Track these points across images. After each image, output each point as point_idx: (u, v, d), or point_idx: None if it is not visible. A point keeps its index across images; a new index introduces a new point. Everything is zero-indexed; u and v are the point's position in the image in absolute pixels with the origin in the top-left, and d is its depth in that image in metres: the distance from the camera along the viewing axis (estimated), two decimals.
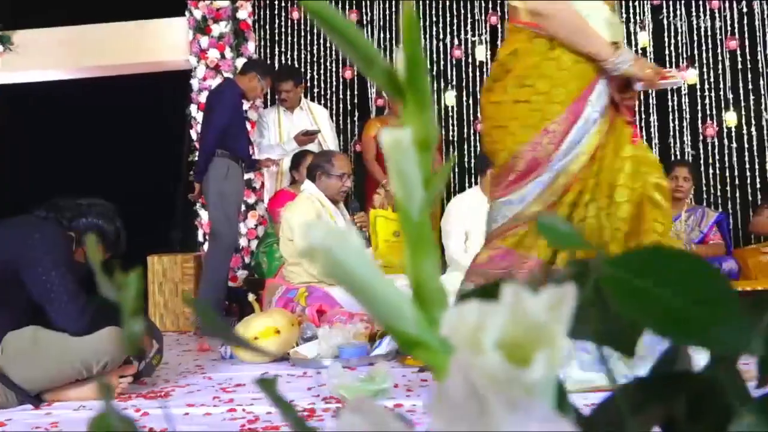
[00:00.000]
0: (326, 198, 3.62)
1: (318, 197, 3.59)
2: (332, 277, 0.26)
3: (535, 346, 0.21)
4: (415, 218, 0.27)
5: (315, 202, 3.56)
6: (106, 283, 0.25)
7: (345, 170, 3.64)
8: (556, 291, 0.21)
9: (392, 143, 0.27)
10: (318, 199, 3.59)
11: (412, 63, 0.27)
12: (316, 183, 3.63)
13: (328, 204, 3.61)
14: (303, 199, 3.60)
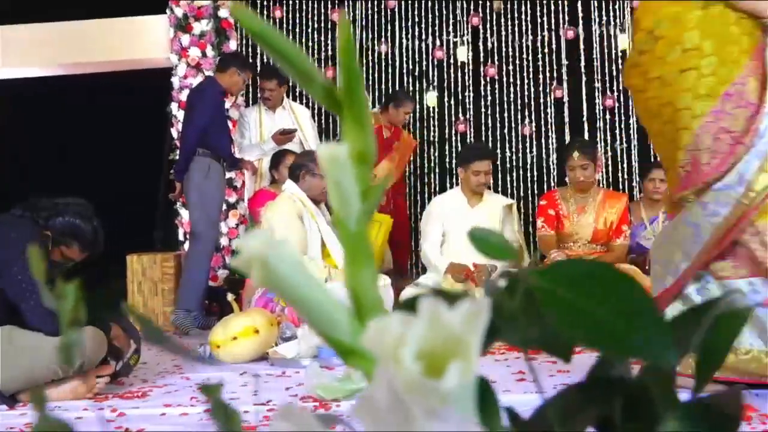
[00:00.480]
0: (308, 198, 3.62)
1: (299, 197, 3.59)
2: (269, 286, 0.27)
3: (452, 357, 0.22)
4: (352, 229, 0.28)
5: (296, 202, 3.56)
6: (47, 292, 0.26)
7: None
8: (472, 305, 0.22)
9: (329, 158, 0.27)
10: (299, 198, 3.58)
11: (350, 79, 0.28)
12: (299, 183, 3.62)
13: (310, 204, 3.61)
14: (284, 198, 3.59)
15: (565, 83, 5.24)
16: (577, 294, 0.27)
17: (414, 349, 0.22)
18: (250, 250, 0.26)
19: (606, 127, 5.25)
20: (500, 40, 5.28)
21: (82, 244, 2.45)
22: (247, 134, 4.55)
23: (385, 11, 5.34)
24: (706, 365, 0.38)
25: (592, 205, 3.99)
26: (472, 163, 3.84)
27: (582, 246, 4.01)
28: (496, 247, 0.29)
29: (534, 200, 5.19)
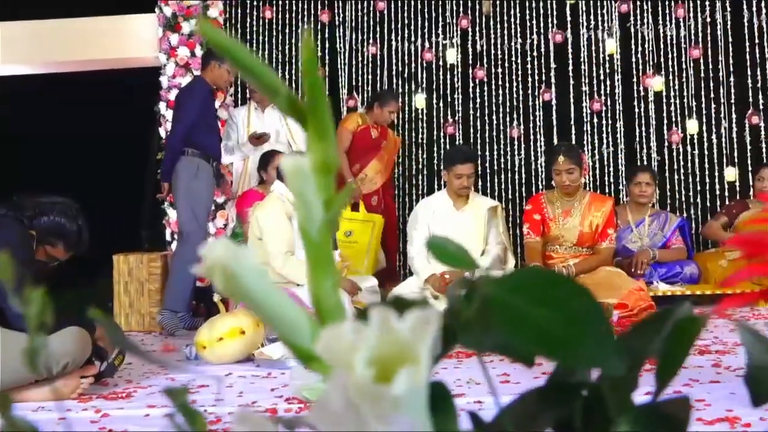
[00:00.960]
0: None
1: (288, 197, 3.59)
2: (231, 293, 0.27)
3: (403, 363, 0.23)
4: (315, 239, 0.29)
5: (285, 202, 3.56)
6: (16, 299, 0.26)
7: None
8: (421, 313, 0.23)
9: (293, 169, 0.28)
10: (288, 199, 3.59)
11: (313, 92, 0.29)
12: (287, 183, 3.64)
13: None
14: (273, 199, 3.59)
15: (553, 86, 5.27)
16: (529, 302, 0.27)
17: (365, 355, 0.22)
18: (213, 258, 0.27)
19: (593, 131, 5.28)
20: (489, 42, 5.31)
21: (67, 244, 2.44)
22: (234, 135, 4.54)
23: (374, 13, 5.35)
24: (666, 370, 0.39)
25: (578, 208, 4.02)
26: (455, 166, 3.86)
27: (568, 249, 4.03)
28: (453, 256, 0.30)
29: (521, 202, 5.21)
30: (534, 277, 0.28)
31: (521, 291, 0.28)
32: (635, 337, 0.42)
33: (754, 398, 0.40)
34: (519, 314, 0.27)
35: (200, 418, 0.30)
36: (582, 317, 0.27)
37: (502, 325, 0.27)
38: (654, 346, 0.41)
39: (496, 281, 0.29)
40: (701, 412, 1.94)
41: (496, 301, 0.28)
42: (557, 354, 0.27)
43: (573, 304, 0.28)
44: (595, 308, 0.28)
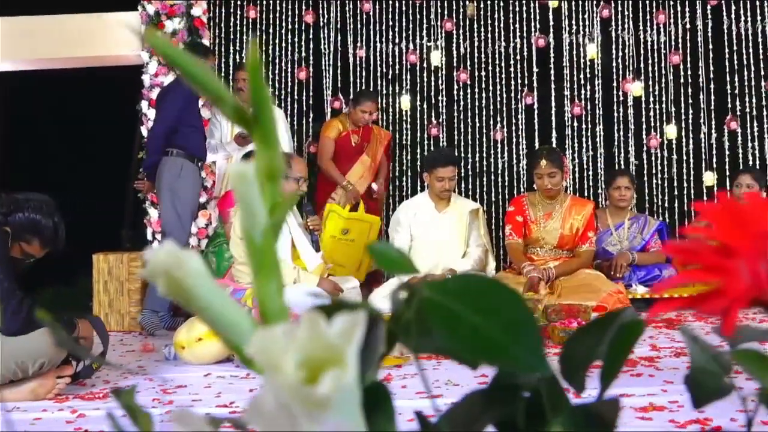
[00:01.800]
0: None
1: None
2: (175, 297, 0.28)
3: (332, 365, 0.23)
4: (259, 243, 0.30)
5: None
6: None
7: (302, 174, 3.67)
8: (349, 317, 0.24)
9: (238, 176, 0.29)
10: None
11: (259, 102, 0.30)
12: None
13: None
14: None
15: (535, 90, 5.32)
16: (463, 306, 0.28)
17: (295, 358, 0.23)
18: (156, 263, 0.28)
19: (573, 135, 5.33)
20: (473, 46, 5.34)
21: (43, 241, 2.42)
22: (217, 133, 4.53)
23: (359, 14, 5.35)
24: (609, 371, 0.40)
25: (559, 211, 4.06)
26: (437, 169, 3.88)
27: (548, 251, 4.07)
28: (395, 262, 0.31)
29: (503, 205, 5.25)
30: (471, 283, 0.29)
31: (458, 296, 0.29)
32: (582, 341, 0.43)
33: (695, 400, 0.41)
34: (455, 319, 0.28)
35: (146, 419, 0.30)
36: (514, 323, 0.28)
37: (439, 329, 0.28)
38: (600, 349, 0.42)
39: (434, 286, 0.30)
40: (674, 414, 1.96)
41: (434, 306, 0.29)
42: (489, 358, 0.28)
43: (507, 310, 0.29)
44: (527, 315, 0.29)
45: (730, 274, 0.29)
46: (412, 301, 0.30)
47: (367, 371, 0.34)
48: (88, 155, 5.70)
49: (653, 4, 5.28)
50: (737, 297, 0.28)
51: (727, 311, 0.28)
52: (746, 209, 0.33)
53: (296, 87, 5.40)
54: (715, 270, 0.30)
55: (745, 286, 0.29)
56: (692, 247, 0.31)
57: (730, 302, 0.28)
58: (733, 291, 0.28)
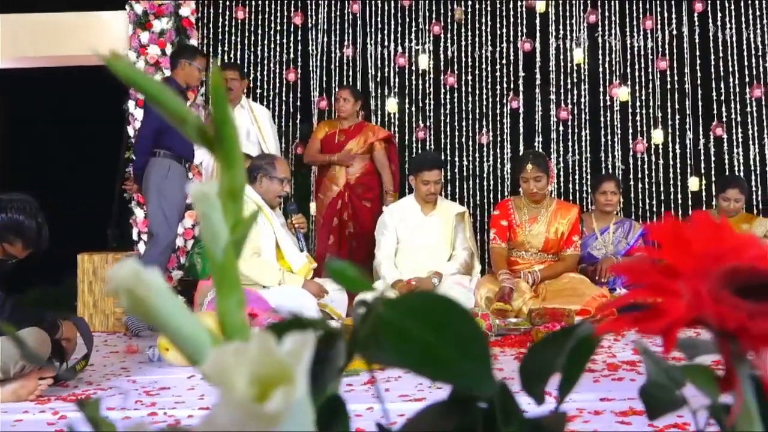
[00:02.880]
0: (263, 200, 3.64)
1: (254, 199, 3.61)
2: (137, 314, 0.29)
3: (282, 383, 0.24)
4: (220, 260, 0.31)
5: (251, 204, 3.59)
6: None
7: (285, 175, 3.71)
8: (299, 337, 0.25)
9: (200, 195, 0.30)
10: (254, 201, 3.61)
11: (221, 123, 0.31)
12: (255, 185, 3.66)
13: (265, 206, 3.63)
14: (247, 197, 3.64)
15: (522, 94, 5.35)
16: (415, 323, 0.29)
17: (245, 375, 0.24)
18: (118, 280, 0.28)
19: (559, 139, 5.36)
20: (460, 49, 5.36)
21: (26, 241, 2.41)
22: None
23: (347, 16, 5.36)
24: (566, 383, 0.42)
25: (545, 215, 4.08)
26: (422, 172, 3.90)
27: (533, 255, 4.09)
28: (351, 279, 0.32)
29: (489, 208, 5.27)
30: (424, 300, 0.31)
31: (411, 313, 0.30)
32: (542, 353, 0.44)
33: (649, 412, 0.42)
34: (407, 335, 0.29)
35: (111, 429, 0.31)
36: (463, 340, 0.29)
37: (391, 344, 0.29)
38: (559, 361, 0.44)
39: (389, 303, 0.31)
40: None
41: (387, 323, 0.30)
42: (439, 374, 0.29)
43: (456, 327, 0.30)
44: (476, 331, 0.30)
45: (671, 294, 0.30)
46: (368, 317, 0.31)
47: (327, 385, 0.35)
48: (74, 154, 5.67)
49: (640, 10, 5.33)
50: (677, 318, 0.29)
51: (666, 331, 0.29)
52: (693, 231, 0.34)
53: (284, 88, 5.40)
54: (659, 290, 0.31)
55: (685, 306, 0.30)
56: (638, 267, 0.32)
57: (670, 323, 0.29)
58: (673, 311, 0.30)
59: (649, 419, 0.42)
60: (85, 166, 5.60)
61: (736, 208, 4.37)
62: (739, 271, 0.32)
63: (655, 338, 0.38)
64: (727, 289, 0.31)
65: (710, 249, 0.33)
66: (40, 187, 5.56)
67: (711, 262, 0.32)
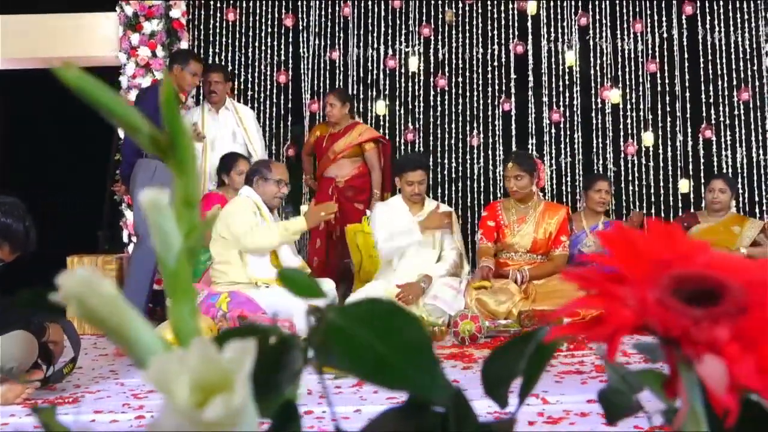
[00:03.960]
0: (263, 203, 3.69)
1: (255, 200, 3.68)
2: (88, 321, 0.29)
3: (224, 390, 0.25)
4: (172, 267, 0.31)
5: (252, 205, 3.65)
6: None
7: (282, 177, 3.75)
8: (240, 345, 0.25)
9: (150, 203, 0.30)
10: (255, 202, 3.67)
11: (174, 133, 0.31)
12: (254, 188, 3.72)
13: (264, 208, 3.68)
14: (243, 198, 3.69)
15: (513, 97, 5.36)
16: (365, 331, 0.30)
17: (186, 383, 0.25)
18: (68, 288, 0.29)
19: (551, 141, 5.38)
20: (451, 52, 5.37)
21: (13, 244, 2.41)
22: None
23: (338, 19, 5.37)
24: (526, 386, 0.42)
25: (533, 216, 4.10)
26: (406, 173, 3.93)
27: (522, 256, 4.11)
28: (304, 287, 0.32)
29: (479, 210, 5.28)
30: (374, 308, 0.31)
31: (361, 321, 0.30)
32: (504, 357, 0.45)
33: (608, 416, 0.43)
34: (356, 343, 0.30)
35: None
36: (411, 347, 0.30)
37: (341, 351, 0.30)
38: (520, 366, 0.44)
39: (340, 310, 0.31)
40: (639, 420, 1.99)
41: (337, 330, 0.30)
42: (388, 381, 0.29)
43: (405, 334, 0.30)
44: (424, 338, 0.30)
45: (617, 301, 0.31)
46: (320, 324, 0.31)
47: (282, 390, 0.35)
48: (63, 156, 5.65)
49: (630, 14, 5.36)
50: (621, 324, 0.30)
51: (611, 338, 0.30)
52: (643, 237, 0.35)
53: (275, 90, 5.40)
54: (606, 297, 0.31)
55: (629, 313, 0.30)
56: (588, 274, 0.32)
57: (614, 329, 0.30)
58: (617, 318, 0.30)
59: (608, 423, 0.43)
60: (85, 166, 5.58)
61: (721, 200, 4.37)
62: (687, 277, 0.32)
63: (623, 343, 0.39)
64: (673, 296, 0.31)
65: (661, 255, 0.34)
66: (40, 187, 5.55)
67: (661, 269, 0.33)
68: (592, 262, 0.35)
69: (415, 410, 0.38)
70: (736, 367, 0.28)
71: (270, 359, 0.32)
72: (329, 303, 0.32)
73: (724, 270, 0.33)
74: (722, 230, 4.32)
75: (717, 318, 0.30)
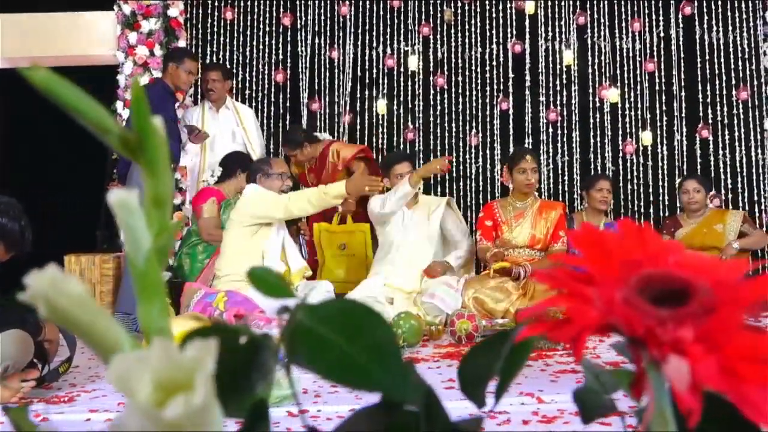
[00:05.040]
0: None
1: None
2: (55, 320, 0.29)
3: (186, 389, 0.25)
4: (142, 267, 0.31)
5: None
6: None
7: (282, 170, 3.81)
8: (201, 345, 0.25)
9: (120, 203, 0.30)
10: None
11: (144, 132, 0.31)
12: (258, 185, 3.73)
13: None
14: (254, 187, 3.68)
15: (511, 96, 5.36)
16: (331, 331, 0.30)
17: (148, 381, 0.25)
18: (36, 288, 0.29)
19: (549, 140, 5.38)
20: (450, 51, 5.37)
21: (9, 243, 2.40)
22: (183, 136, 4.52)
23: (337, 18, 5.36)
24: (501, 386, 0.42)
25: (530, 212, 4.12)
26: (393, 167, 3.99)
27: (520, 252, 4.10)
28: (273, 287, 0.32)
29: (478, 209, 5.28)
30: (340, 307, 0.31)
31: (328, 321, 0.30)
32: (481, 357, 0.45)
33: (583, 416, 0.43)
34: (322, 343, 0.30)
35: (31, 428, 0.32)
36: (377, 347, 0.30)
37: (308, 351, 0.30)
38: (497, 365, 0.44)
39: (309, 309, 0.31)
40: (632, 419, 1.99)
41: (304, 330, 0.30)
42: (354, 382, 0.29)
43: (373, 334, 0.30)
44: (389, 338, 0.30)
45: (583, 301, 0.31)
46: (289, 324, 0.31)
47: (254, 389, 0.35)
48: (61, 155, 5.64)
49: (628, 12, 5.35)
50: (586, 324, 0.30)
51: (576, 338, 0.30)
52: (614, 237, 0.35)
53: (273, 89, 5.40)
54: (573, 297, 0.31)
55: (595, 313, 0.30)
56: (557, 273, 0.33)
57: (579, 329, 0.30)
58: (583, 318, 0.30)
59: (584, 422, 0.43)
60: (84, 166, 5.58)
61: (697, 200, 4.36)
62: (655, 277, 0.32)
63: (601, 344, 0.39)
64: (640, 296, 0.31)
65: (632, 256, 0.34)
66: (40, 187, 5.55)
67: (630, 269, 0.33)
68: (563, 262, 0.35)
69: (388, 409, 0.38)
70: (699, 367, 0.28)
71: (241, 359, 0.32)
72: (298, 302, 0.32)
73: (693, 270, 0.33)
74: (706, 231, 4.32)
75: (682, 318, 0.30)
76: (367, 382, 0.29)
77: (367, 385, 0.29)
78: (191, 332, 0.31)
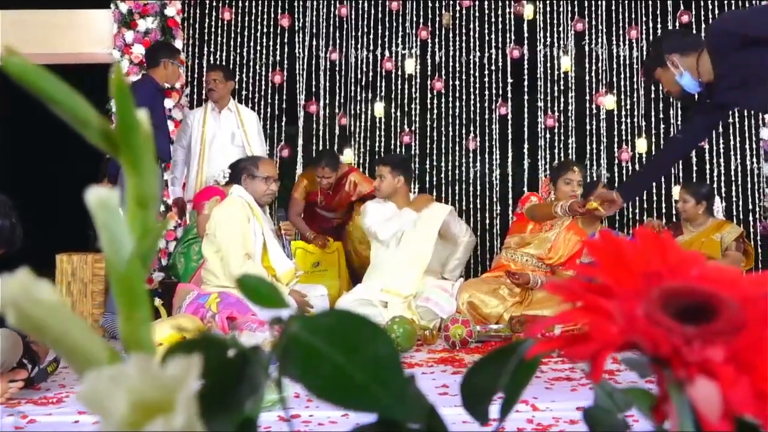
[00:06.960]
0: (254, 201, 3.64)
1: (247, 200, 3.61)
2: (26, 328, 0.27)
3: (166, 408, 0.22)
4: (123, 271, 0.28)
5: (244, 205, 3.57)
6: None
7: (270, 174, 3.67)
8: (183, 362, 0.23)
9: (98, 203, 0.28)
10: (247, 201, 3.60)
11: (126, 127, 0.29)
12: (243, 186, 3.65)
13: (256, 206, 3.62)
14: (234, 199, 3.61)
15: (510, 101, 5.35)
16: (328, 344, 0.27)
17: (124, 400, 0.22)
18: (6, 295, 0.26)
19: (546, 146, 5.37)
20: (448, 55, 5.36)
21: (0, 241, 2.37)
22: (185, 137, 4.48)
23: (334, 20, 5.34)
24: (508, 402, 0.40)
25: (561, 226, 4.02)
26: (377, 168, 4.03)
27: (527, 261, 4.02)
28: (265, 297, 0.30)
29: (475, 214, 5.27)
30: (337, 319, 0.28)
31: (324, 334, 0.28)
32: (484, 372, 0.42)
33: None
34: (317, 358, 0.27)
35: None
36: (376, 362, 0.27)
37: (299, 365, 0.27)
38: (502, 380, 0.42)
39: (303, 320, 0.29)
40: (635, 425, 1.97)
41: (299, 343, 0.28)
42: (350, 400, 0.27)
43: (370, 348, 0.28)
44: (390, 353, 0.28)
45: (603, 316, 0.29)
46: (282, 336, 0.29)
47: (242, 404, 0.33)
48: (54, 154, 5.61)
49: (626, 20, 5.35)
50: (606, 342, 0.28)
51: (595, 357, 0.28)
52: (634, 247, 0.33)
53: (270, 90, 5.37)
54: (591, 311, 0.29)
55: (616, 330, 0.28)
56: (573, 286, 0.30)
57: (599, 347, 0.27)
58: (603, 335, 0.28)
59: None
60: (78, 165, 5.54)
61: (686, 209, 4.32)
62: (679, 291, 0.30)
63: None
64: (664, 311, 0.29)
65: (651, 267, 0.32)
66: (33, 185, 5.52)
67: (650, 282, 0.31)
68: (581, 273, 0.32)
69: (387, 427, 0.35)
70: (730, 391, 0.26)
71: (228, 373, 0.30)
72: (292, 313, 0.29)
73: (719, 284, 0.31)
74: (704, 240, 4.30)
75: (711, 336, 0.27)
76: (365, 402, 0.27)
77: (365, 406, 0.27)
78: (174, 346, 0.29)
